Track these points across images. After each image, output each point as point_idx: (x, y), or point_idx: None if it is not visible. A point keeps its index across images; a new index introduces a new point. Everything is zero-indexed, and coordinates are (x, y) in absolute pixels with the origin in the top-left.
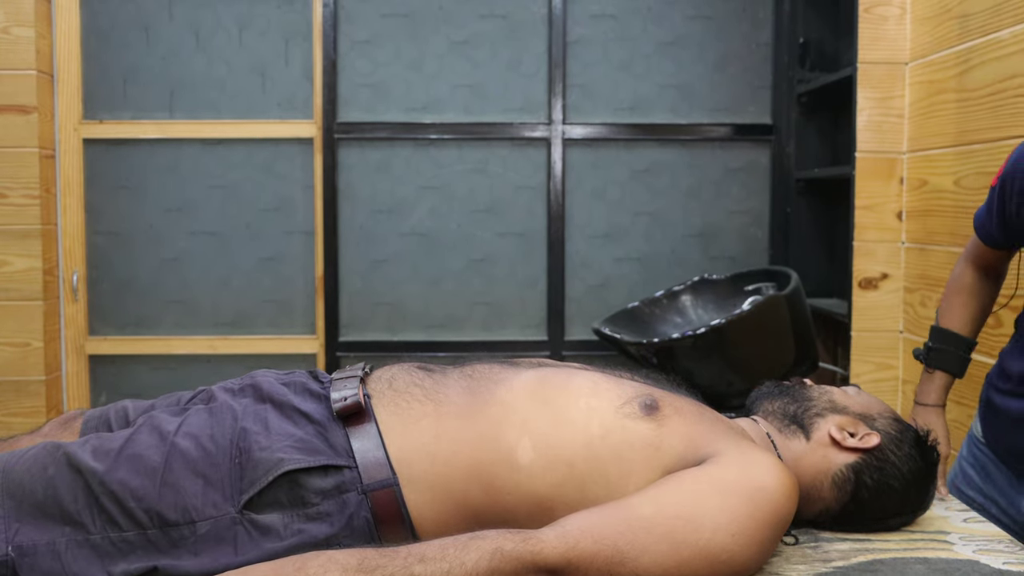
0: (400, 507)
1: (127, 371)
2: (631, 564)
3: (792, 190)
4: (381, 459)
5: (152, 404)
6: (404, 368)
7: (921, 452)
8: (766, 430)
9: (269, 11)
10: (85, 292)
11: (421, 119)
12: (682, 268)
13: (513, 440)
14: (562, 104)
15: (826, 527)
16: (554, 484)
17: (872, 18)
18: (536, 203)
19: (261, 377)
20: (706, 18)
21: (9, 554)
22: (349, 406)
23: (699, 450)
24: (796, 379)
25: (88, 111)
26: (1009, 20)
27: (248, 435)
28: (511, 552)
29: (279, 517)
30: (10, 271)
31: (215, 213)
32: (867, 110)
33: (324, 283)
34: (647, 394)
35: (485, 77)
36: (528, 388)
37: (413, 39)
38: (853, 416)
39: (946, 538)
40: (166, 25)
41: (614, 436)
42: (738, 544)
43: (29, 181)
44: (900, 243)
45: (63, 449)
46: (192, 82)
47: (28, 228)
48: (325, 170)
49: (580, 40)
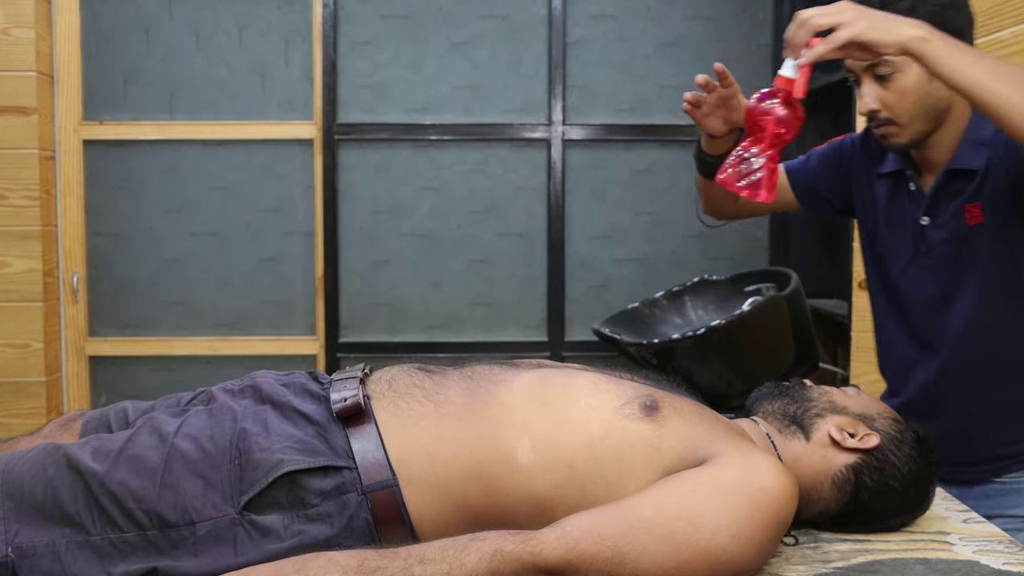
0: (400, 508)
1: (127, 372)
2: (631, 565)
3: None
4: (381, 460)
5: (152, 405)
6: (404, 369)
7: (921, 452)
8: (766, 431)
9: (269, 12)
10: (85, 293)
11: (421, 120)
12: (682, 268)
13: (513, 441)
14: (562, 105)
15: (826, 528)
16: (554, 485)
17: None
18: (536, 204)
19: (261, 378)
20: (706, 19)
21: (9, 555)
22: (349, 407)
23: (699, 451)
24: (796, 380)
25: (88, 112)
26: (1010, 20)
27: (248, 436)
28: (511, 553)
29: (279, 518)
30: (10, 272)
31: (215, 214)
32: None
33: (324, 284)
34: (647, 395)
35: (485, 78)
36: (528, 389)
37: (413, 40)
38: (853, 417)
39: (946, 538)
40: (166, 26)
41: (614, 437)
42: (738, 545)
43: (29, 182)
44: None
45: (63, 450)
46: (192, 83)
47: (28, 229)
48: (325, 171)
49: (580, 41)
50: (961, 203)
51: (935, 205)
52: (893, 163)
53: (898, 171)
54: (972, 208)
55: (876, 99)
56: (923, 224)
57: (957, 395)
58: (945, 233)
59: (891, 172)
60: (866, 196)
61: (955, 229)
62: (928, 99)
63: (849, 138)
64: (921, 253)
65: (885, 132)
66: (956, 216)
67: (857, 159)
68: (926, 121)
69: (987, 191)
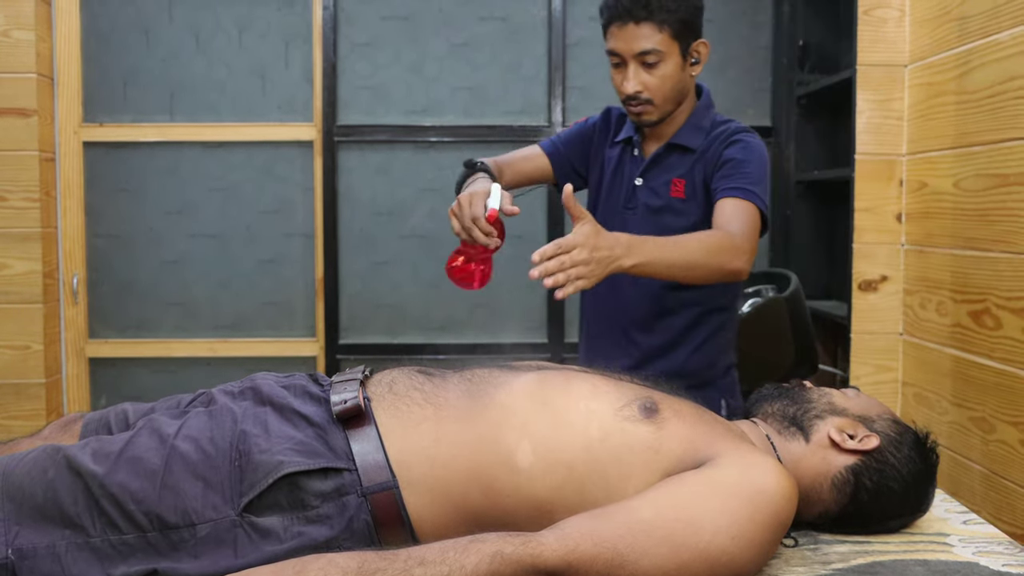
0: (400, 510)
1: (127, 374)
2: (631, 567)
3: (792, 192)
4: (381, 462)
5: (152, 407)
6: (404, 372)
7: (920, 454)
8: (766, 432)
9: (269, 13)
10: (85, 295)
11: (421, 122)
12: None
13: (513, 443)
14: (562, 106)
15: (825, 529)
16: (553, 487)
17: (871, 20)
18: (536, 205)
19: (261, 380)
20: (706, 20)
21: (9, 557)
22: (349, 409)
23: (698, 453)
24: (796, 381)
25: (88, 114)
26: (1008, 22)
27: (248, 438)
28: (511, 555)
29: (279, 520)
30: (10, 274)
31: (215, 215)
32: (866, 112)
33: (324, 285)
34: (647, 397)
35: (485, 79)
36: (527, 391)
37: (413, 42)
38: (852, 418)
39: (945, 540)
40: (166, 28)
41: (613, 439)
42: (738, 547)
43: (29, 184)
44: (900, 245)
45: (63, 452)
46: (192, 85)
47: (28, 231)
48: (325, 172)
49: (580, 42)
50: (671, 176)
51: (649, 169)
52: (627, 132)
53: (628, 138)
54: (678, 183)
55: (640, 83)
56: (636, 184)
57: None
58: (651, 196)
59: (623, 140)
60: (600, 162)
61: (660, 195)
62: (680, 84)
63: (590, 120)
64: (628, 208)
65: (642, 111)
66: (664, 185)
67: (599, 135)
68: (674, 103)
69: (693, 175)
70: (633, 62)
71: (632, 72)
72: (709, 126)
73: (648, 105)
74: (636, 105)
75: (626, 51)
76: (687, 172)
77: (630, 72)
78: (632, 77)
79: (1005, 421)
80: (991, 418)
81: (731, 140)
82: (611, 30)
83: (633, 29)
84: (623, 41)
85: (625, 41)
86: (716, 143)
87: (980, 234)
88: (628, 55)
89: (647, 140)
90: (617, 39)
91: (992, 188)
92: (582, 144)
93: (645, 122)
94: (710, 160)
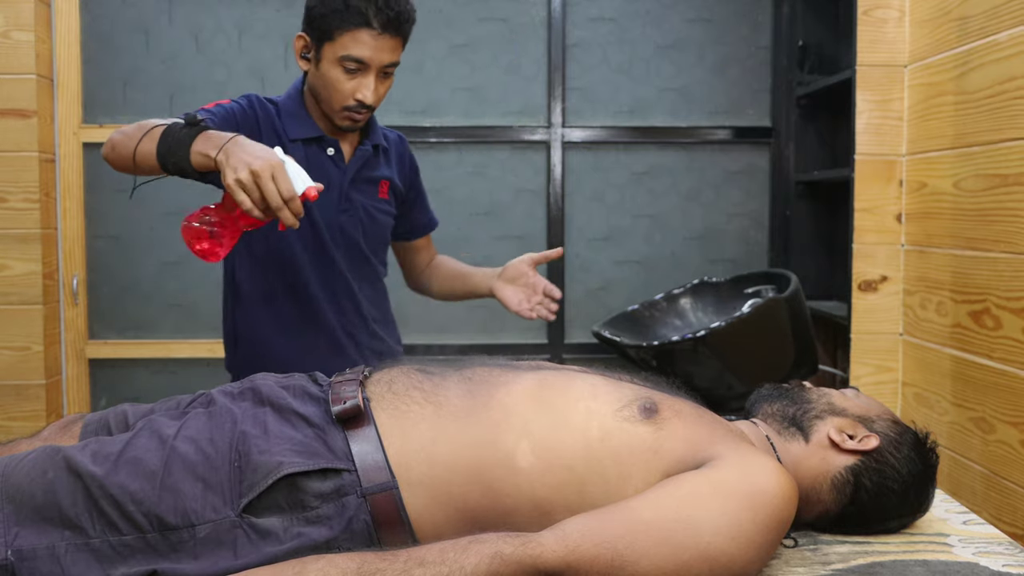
0: (399, 510)
1: (127, 375)
2: (631, 568)
3: (792, 193)
4: (380, 462)
5: (151, 408)
6: (404, 371)
7: (920, 454)
8: (765, 433)
9: (269, 15)
10: (85, 296)
11: (420, 122)
12: (682, 271)
13: (512, 443)
14: (561, 107)
15: (825, 529)
16: (553, 487)
17: (871, 21)
18: (536, 206)
19: (260, 380)
20: (705, 21)
21: (8, 558)
22: (348, 409)
23: (698, 453)
24: (795, 382)
25: (88, 115)
26: (1008, 23)
27: (247, 439)
28: (511, 556)
29: (278, 520)
30: (10, 275)
31: None
32: (866, 113)
33: None
34: (646, 397)
35: (484, 80)
36: (527, 391)
37: (412, 42)
38: (852, 418)
39: (945, 540)
40: (166, 29)
41: (613, 439)
42: (738, 547)
43: (29, 185)
44: (900, 245)
45: (62, 453)
46: (192, 86)
47: (28, 232)
48: None
49: (579, 43)
50: (378, 177)
51: (358, 171)
52: (311, 131)
53: (317, 138)
54: (383, 185)
55: (378, 95)
56: (348, 185)
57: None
58: (362, 196)
59: (310, 139)
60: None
61: (369, 196)
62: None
63: (245, 103)
64: (341, 210)
65: (360, 117)
66: (372, 185)
67: (268, 125)
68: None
69: (393, 179)
70: (377, 73)
71: (374, 82)
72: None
73: (367, 112)
74: (357, 111)
75: (375, 61)
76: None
77: (371, 82)
78: (374, 88)
79: (1005, 421)
80: (991, 418)
81: None
82: (359, 36)
83: (389, 41)
84: (375, 51)
85: (378, 51)
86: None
87: (980, 234)
88: (376, 65)
89: (340, 141)
90: (367, 47)
91: (992, 188)
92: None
93: (355, 128)
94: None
